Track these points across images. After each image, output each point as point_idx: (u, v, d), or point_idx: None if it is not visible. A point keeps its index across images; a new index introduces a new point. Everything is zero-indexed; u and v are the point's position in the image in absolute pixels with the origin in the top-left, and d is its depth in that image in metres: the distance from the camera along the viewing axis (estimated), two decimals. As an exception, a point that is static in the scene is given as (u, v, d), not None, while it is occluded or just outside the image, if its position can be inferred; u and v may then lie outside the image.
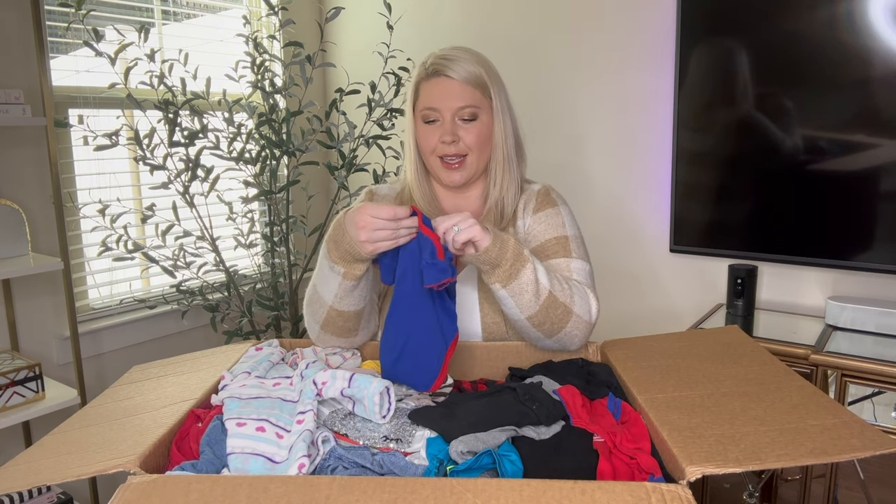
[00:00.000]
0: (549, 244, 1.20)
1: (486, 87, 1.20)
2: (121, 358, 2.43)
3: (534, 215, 1.24)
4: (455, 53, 1.20)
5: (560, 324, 1.07)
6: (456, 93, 1.17)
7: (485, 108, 1.20)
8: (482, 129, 1.20)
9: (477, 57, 1.21)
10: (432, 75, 1.19)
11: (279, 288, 2.56)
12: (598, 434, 0.86)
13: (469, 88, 1.18)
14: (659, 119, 2.28)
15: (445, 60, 1.18)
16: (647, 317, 2.39)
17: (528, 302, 1.04)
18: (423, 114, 1.21)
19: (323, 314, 1.10)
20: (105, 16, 2.34)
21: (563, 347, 1.11)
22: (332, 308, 1.08)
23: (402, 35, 2.80)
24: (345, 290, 1.06)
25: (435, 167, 1.23)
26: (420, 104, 1.22)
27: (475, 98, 1.18)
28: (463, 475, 0.78)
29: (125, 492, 0.69)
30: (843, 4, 1.84)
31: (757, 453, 0.74)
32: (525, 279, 1.03)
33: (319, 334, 1.13)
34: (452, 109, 1.18)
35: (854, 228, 1.91)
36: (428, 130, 1.21)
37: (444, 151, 1.19)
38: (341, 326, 1.11)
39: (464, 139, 1.19)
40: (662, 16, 2.23)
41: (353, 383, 0.90)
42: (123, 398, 1.04)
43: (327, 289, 1.08)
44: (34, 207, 2.14)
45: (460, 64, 1.18)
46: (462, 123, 1.19)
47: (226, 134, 2.34)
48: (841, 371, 1.70)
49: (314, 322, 1.13)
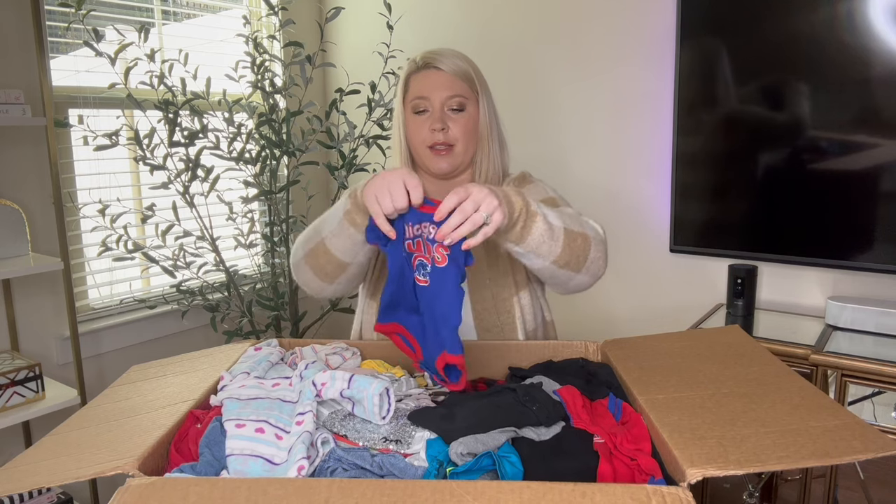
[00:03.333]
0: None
1: (473, 81, 1.26)
2: (121, 358, 2.43)
3: None
4: (443, 50, 1.27)
5: (583, 253, 1.08)
6: (445, 83, 1.24)
7: (471, 101, 1.26)
8: (469, 120, 1.25)
9: (464, 55, 1.28)
10: (422, 68, 1.26)
11: (279, 288, 2.56)
12: (599, 435, 0.86)
13: (458, 80, 1.24)
14: (659, 118, 2.28)
15: (434, 55, 1.26)
16: (647, 317, 2.38)
17: (549, 248, 1.04)
18: (414, 104, 1.25)
19: (312, 244, 1.15)
20: (105, 16, 2.34)
21: (593, 277, 1.12)
22: (323, 242, 1.13)
23: (402, 35, 2.80)
24: (341, 230, 1.10)
25: (424, 157, 1.27)
26: (410, 95, 1.27)
27: (463, 89, 1.25)
28: (463, 477, 0.78)
29: (123, 494, 0.69)
30: (843, 4, 1.84)
31: (758, 455, 0.74)
32: (538, 230, 1.03)
33: (299, 263, 1.19)
34: (442, 98, 1.23)
35: (854, 228, 1.90)
36: (418, 121, 1.26)
37: (434, 139, 1.24)
38: (322, 266, 1.15)
39: (452, 129, 1.24)
40: (662, 16, 2.22)
41: (353, 384, 0.90)
42: (122, 399, 1.03)
43: (328, 224, 1.13)
44: (34, 207, 2.14)
45: (449, 58, 1.25)
46: (451, 114, 1.24)
47: (226, 134, 2.34)
48: (841, 371, 1.69)
49: (301, 249, 1.18)
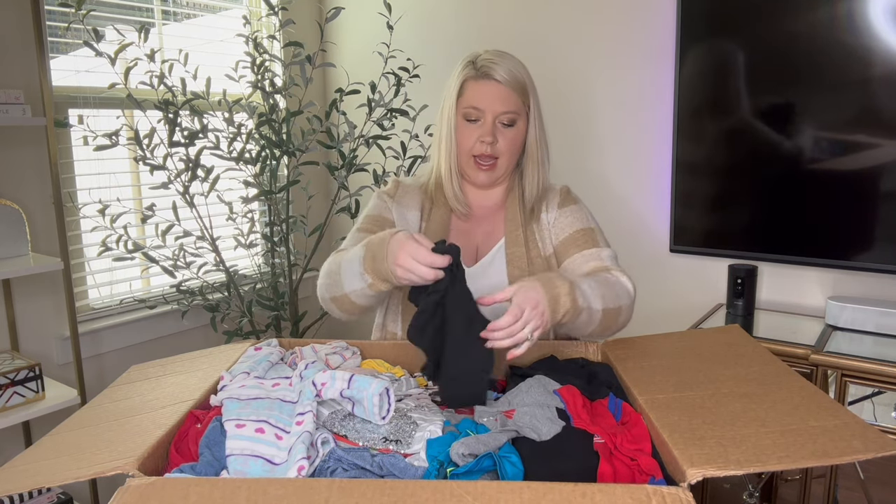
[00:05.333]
0: (577, 235, 1.29)
1: (527, 94, 1.26)
2: (121, 358, 2.43)
3: (558, 210, 1.32)
4: (502, 57, 1.25)
5: (615, 324, 1.16)
6: (501, 97, 1.23)
7: (522, 116, 1.26)
8: (517, 135, 1.27)
9: (519, 63, 1.27)
10: (481, 77, 1.24)
11: (279, 288, 2.56)
12: (599, 435, 0.86)
13: (513, 95, 1.24)
14: (659, 118, 2.28)
15: (494, 63, 1.23)
16: (648, 317, 2.38)
17: (585, 326, 1.11)
18: (466, 111, 1.25)
19: (337, 294, 1.16)
20: (105, 16, 2.34)
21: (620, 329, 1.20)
22: (347, 296, 1.14)
23: (402, 35, 2.80)
24: (364, 293, 1.11)
25: (466, 164, 1.28)
26: (464, 101, 1.25)
27: (517, 105, 1.25)
28: (463, 478, 0.78)
29: (123, 494, 0.69)
30: (843, 4, 1.84)
31: (758, 455, 0.74)
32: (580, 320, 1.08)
33: (327, 302, 1.20)
34: (496, 112, 1.23)
35: (854, 228, 1.90)
36: (469, 129, 1.25)
37: (480, 151, 1.25)
38: (349, 309, 1.17)
39: (500, 142, 1.25)
40: (662, 18, 2.22)
41: (353, 384, 0.90)
42: (122, 398, 1.03)
43: (350, 282, 1.12)
44: (34, 207, 2.14)
45: (507, 69, 1.23)
46: (501, 127, 1.25)
47: (226, 134, 2.34)
48: (841, 371, 1.69)
49: (327, 293, 1.18)
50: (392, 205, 1.33)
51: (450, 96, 1.27)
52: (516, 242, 1.27)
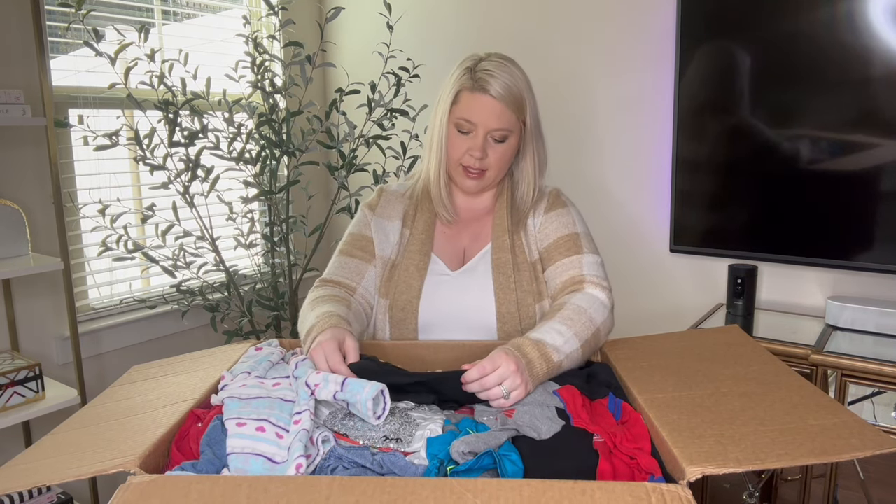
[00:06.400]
0: (560, 241, 1.27)
1: (523, 109, 1.24)
2: (121, 358, 2.43)
3: (545, 215, 1.31)
4: (501, 70, 1.21)
5: (599, 341, 1.16)
6: (496, 113, 1.21)
7: (515, 132, 1.25)
8: (507, 150, 1.26)
9: (519, 75, 1.24)
10: (477, 89, 1.21)
11: (279, 288, 2.56)
12: (598, 434, 0.86)
13: (507, 111, 1.22)
14: (659, 119, 2.28)
15: (492, 77, 1.20)
16: (647, 317, 2.39)
17: (576, 363, 1.11)
18: (459, 122, 1.24)
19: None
20: (105, 16, 2.34)
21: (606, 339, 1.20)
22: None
23: (402, 35, 2.80)
24: None
25: (455, 172, 1.28)
26: (457, 111, 1.23)
27: (510, 121, 1.23)
28: (464, 475, 0.78)
29: (125, 492, 0.69)
30: (843, 5, 1.84)
31: (757, 453, 0.74)
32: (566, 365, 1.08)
33: None
34: (488, 128, 1.22)
35: (854, 228, 1.91)
36: (460, 139, 1.25)
37: (468, 163, 1.25)
38: None
39: (490, 157, 1.25)
40: (662, 19, 2.23)
41: (346, 387, 0.90)
42: (123, 398, 1.04)
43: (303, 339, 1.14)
44: (34, 207, 2.14)
45: (504, 84, 1.20)
46: (492, 142, 1.24)
47: (226, 134, 2.34)
48: (841, 371, 1.70)
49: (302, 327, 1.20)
50: (372, 219, 1.32)
51: (444, 103, 1.25)
52: (502, 248, 1.27)
